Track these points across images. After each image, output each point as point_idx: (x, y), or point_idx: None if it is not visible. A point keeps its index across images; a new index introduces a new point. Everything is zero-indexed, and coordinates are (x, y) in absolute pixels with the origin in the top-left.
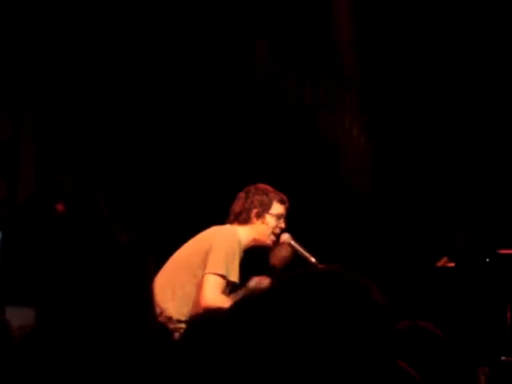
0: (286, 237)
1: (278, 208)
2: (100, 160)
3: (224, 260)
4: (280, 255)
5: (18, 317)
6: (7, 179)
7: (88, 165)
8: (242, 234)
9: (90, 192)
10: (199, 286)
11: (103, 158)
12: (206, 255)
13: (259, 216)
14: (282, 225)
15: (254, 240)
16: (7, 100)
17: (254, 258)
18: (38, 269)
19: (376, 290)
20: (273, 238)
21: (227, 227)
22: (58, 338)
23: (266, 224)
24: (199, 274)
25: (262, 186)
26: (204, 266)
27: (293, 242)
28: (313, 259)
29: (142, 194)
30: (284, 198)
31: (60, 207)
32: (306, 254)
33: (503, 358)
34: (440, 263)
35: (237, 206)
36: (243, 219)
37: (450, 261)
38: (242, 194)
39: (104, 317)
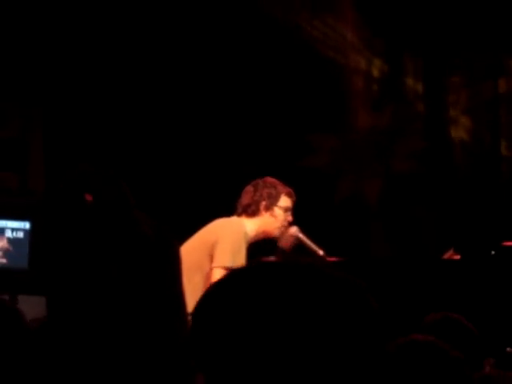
0: (293, 230)
1: (285, 201)
2: (106, 154)
3: (231, 253)
4: (288, 238)
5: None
6: (18, 173)
7: (93, 160)
8: (250, 227)
9: (118, 181)
10: (207, 280)
11: (109, 153)
12: (213, 248)
13: (268, 208)
14: (290, 217)
15: (263, 232)
16: (17, 100)
17: (258, 249)
18: (66, 258)
19: (351, 284)
20: (282, 229)
21: (233, 219)
22: (81, 328)
23: (275, 217)
24: (206, 267)
25: (269, 179)
26: (210, 258)
27: (301, 235)
28: (321, 252)
29: (148, 187)
30: (291, 191)
31: (89, 197)
32: (314, 247)
33: (509, 349)
34: (446, 256)
35: (245, 199)
36: (252, 211)
37: (456, 253)
38: (249, 188)
39: (136, 306)
